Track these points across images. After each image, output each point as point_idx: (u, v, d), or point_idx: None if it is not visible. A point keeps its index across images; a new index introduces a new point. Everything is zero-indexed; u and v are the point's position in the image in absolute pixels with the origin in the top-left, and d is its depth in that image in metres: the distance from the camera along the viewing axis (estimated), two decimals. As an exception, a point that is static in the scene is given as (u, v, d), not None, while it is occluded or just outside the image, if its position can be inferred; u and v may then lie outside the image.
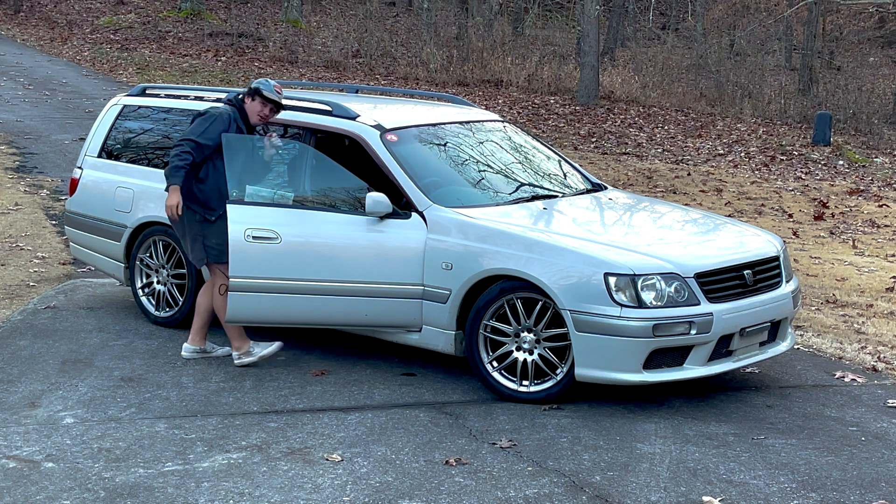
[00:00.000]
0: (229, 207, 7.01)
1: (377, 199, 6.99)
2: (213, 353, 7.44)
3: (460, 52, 27.05)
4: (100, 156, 8.61)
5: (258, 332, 7.55)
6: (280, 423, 6.26)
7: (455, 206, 7.05)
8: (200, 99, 8.33)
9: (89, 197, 8.56)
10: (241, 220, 6.99)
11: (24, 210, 12.03)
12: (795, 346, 7.98)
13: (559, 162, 8.29)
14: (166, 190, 7.10)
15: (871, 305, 9.78)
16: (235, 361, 7.26)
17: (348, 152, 7.79)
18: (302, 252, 7.06)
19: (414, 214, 7.02)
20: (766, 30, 30.86)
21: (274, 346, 7.25)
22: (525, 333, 6.67)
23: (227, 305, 7.07)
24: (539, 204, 7.39)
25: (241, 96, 7.29)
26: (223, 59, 26.62)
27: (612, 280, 6.38)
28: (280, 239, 7.03)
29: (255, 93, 7.17)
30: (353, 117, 7.52)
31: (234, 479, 5.48)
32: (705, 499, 5.40)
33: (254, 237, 7.00)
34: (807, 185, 17.23)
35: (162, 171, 8.07)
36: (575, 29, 30.56)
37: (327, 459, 5.74)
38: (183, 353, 7.40)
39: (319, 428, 6.19)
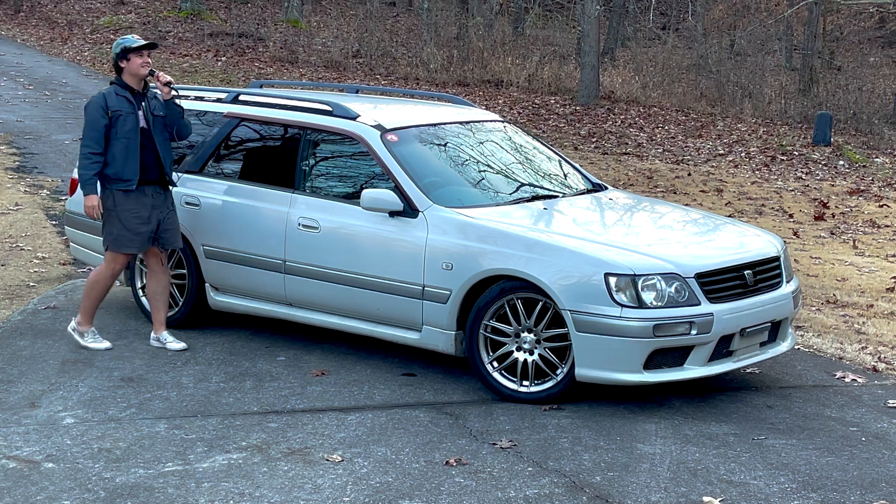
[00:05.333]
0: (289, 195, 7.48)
1: (373, 195, 7.02)
2: (164, 344, 7.59)
3: (460, 52, 27.03)
4: (100, 156, 8.58)
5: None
6: (280, 423, 6.26)
7: (455, 207, 7.05)
8: (201, 99, 8.33)
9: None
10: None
11: (24, 210, 12.02)
12: (796, 347, 7.98)
13: (559, 162, 8.29)
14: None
15: (872, 305, 9.78)
16: (69, 326, 7.62)
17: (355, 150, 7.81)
18: (335, 240, 7.26)
19: (419, 214, 7.03)
20: (767, 30, 30.82)
21: (104, 345, 7.49)
22: (525, 334, 6.67)
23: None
24: (539, 204, 7.38)
25: (117, 66, 7.47)
26: (223, 59, 26.60)
27: (612, 280, 6.38)
28: (320, 229, 7.31)
29: (125, 53, 7.39)
30: (354, 117, 7.53)
31: (234, 479, 5.48)
32: (705, 499, 5.40)
33: (303, 225, 7.35)
34: (807, 186, 17.23)
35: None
36: (575, 29, 30.56)
37: (327, 460, 5.74)
38: (151, 341, 7.69)
39: (319, 428, 6.19)
